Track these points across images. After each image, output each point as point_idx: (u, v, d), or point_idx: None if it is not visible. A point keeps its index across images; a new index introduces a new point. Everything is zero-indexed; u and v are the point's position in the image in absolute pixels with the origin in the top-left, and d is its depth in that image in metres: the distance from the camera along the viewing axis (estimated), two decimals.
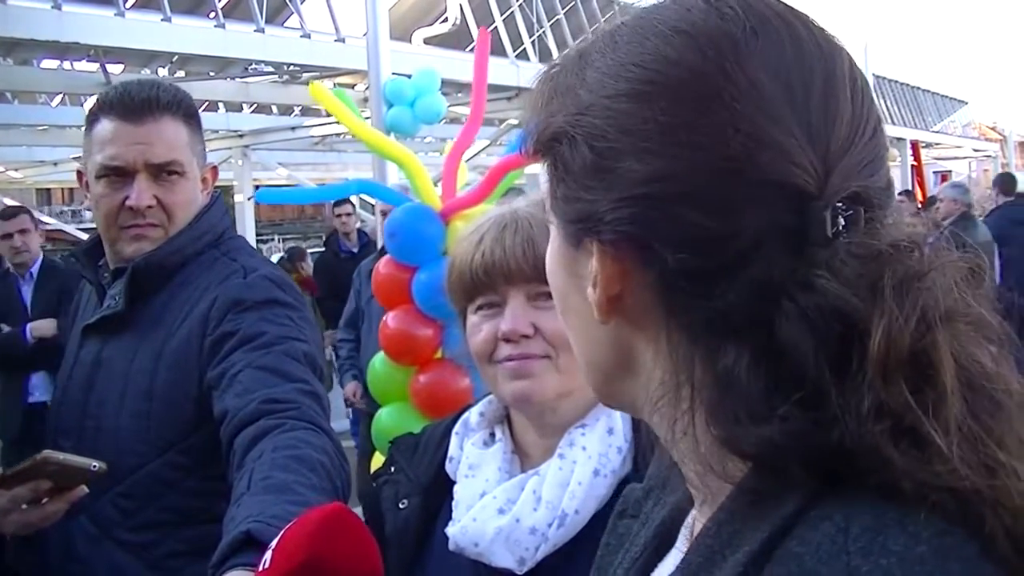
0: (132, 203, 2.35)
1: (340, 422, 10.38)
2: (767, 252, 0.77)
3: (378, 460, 5.01)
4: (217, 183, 2.63)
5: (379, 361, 5.30)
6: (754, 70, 0.79)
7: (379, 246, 10.31)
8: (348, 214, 9.62)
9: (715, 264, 0.78)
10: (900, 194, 12.43)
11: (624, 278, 0.84)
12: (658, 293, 0.83)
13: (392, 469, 1.91)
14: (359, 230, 9.87)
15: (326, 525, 1.30)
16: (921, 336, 0.74)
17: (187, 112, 2.44)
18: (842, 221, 0.78)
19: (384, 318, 5.21)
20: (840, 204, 0.78)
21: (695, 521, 0.93)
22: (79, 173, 2.51)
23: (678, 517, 1.00)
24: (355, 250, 9.47)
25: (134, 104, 2.35)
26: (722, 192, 0.78)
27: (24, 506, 2.13)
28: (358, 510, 1.88)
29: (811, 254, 0.77)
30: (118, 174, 2.36)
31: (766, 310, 0.76)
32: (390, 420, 5.11)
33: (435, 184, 5.46)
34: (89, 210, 2.41)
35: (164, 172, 2.38)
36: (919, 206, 12.62)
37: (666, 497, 1.04)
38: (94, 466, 2.11)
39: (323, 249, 10.61)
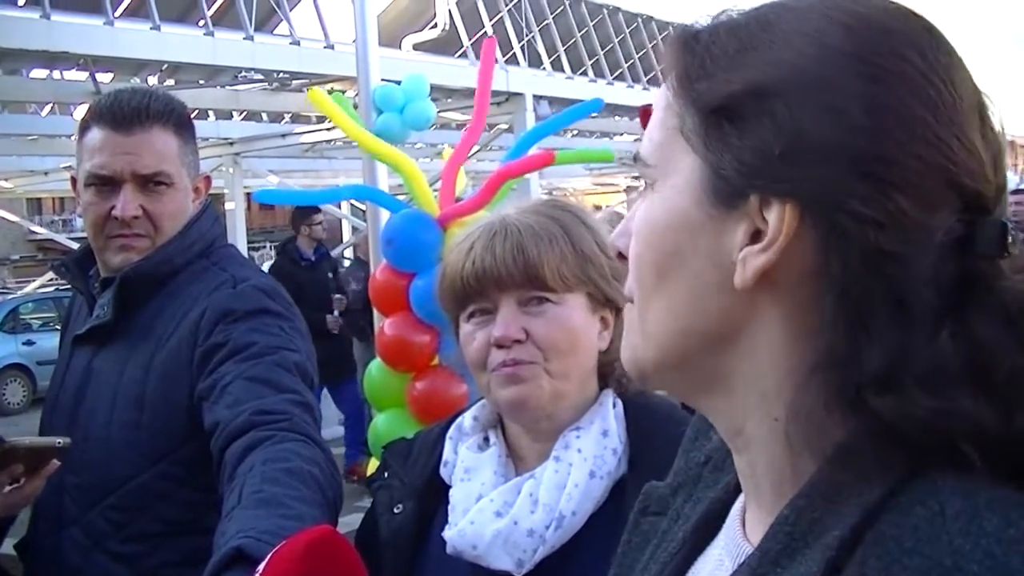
0: (117, 213, 2.34)
1: (331, 429, 10.36)
2: (944, 250, 0.81)
3: (373, 465, 5.02)
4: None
5: (376, 368, 5.31)
6: (961, 86, 0.84)
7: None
8: (320, 224, 10.03)
9: (910, 250, 0.80)
10: None
11: (795, 246, 0.83)
12: (835, 265, 0.82)
13: (386, 474, 1.91)
14: (318, 241, 10.23)
15: (314, 549, 1.30)
16: None
17: (179, 122, 2.43)
18: (1010, 238, 0.82)
19: (381, 324, 5.22)
20: (1007, 222, 0.83)
21: (748, 509, 0.95)
22: (73, 180, 2.50)
23: (721, 510, 1.01)
24: (312, 258, 9.94)
25: (124, 113, 2.34)
26: (931, 186, 0.81)
27: (6, 489, 2.14)
28: (354, 517, 1.88)
29: (976, 263, 0.81)
30: (106, 183, 2.35)
31: (956, 301, 0.80)
32: (387, 426, 5.12)
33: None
34: (80, 218, 2.40)
35: (151, 182, 2.37)
36: None
37: (700, 493, 1.05)
38: (59, 442, 2.16)
39: (279, 256, 10.82)
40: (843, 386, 0.81)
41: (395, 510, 1.84)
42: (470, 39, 16.91)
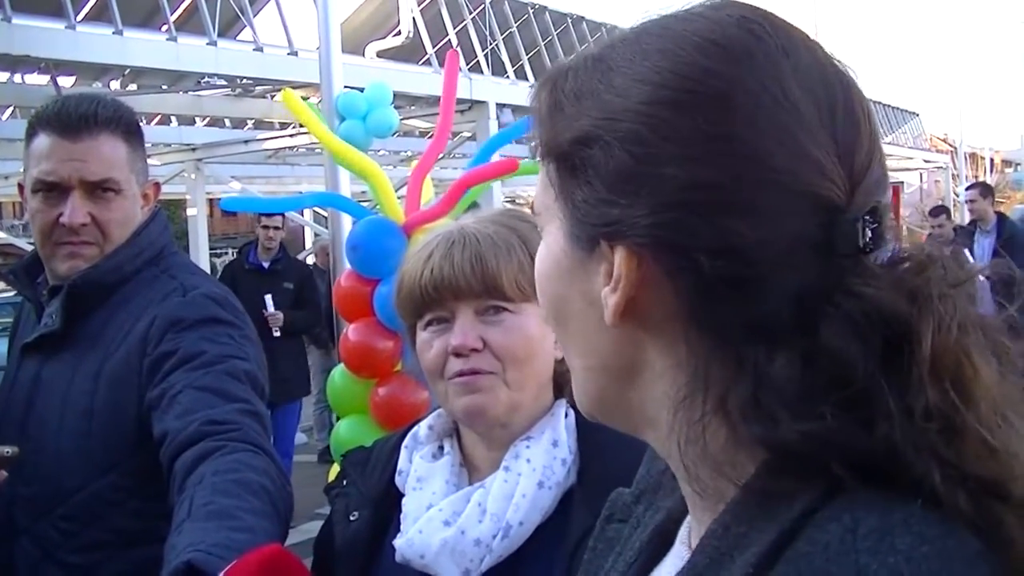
0: (65, 220, 2.31)
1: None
2: (799, 261, 0.80)
3: (333, 472, 5.01)
4: (170, 197, 2.61)
5: (339, 374, 5.31)
6: (791, 87, 0.82)
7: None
8: (277, 228, 9.21)
9: (752, 272, 0.80)
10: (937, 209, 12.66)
11: (648, 282, 0.85)
12: (684, 298, 0.84)
13: (344, 482, 1.91)
14: (281, 246, 9.44)
15: (265, 568, 1.29)
16: (961, 341, 0.78)
17: (127, 128, 2.40)
18: (869, 233, 0.81)
19: (345, 331, 5.23)
20: (867, 217, 0.82)
21: (692, 525, 0.95)
22: (20, 186, 2.47)
23: (676, 520, 1.01)
24: (265, 264, 9.15)
25: (71, 120, 2.32)
26: (763, 202, 0.80)
27: None
28: (315, 524, 1.87)
29: (840, 264, 0.80)
30: (53, 190, 2.33)
31: (808, 316, 0.79)
32: (349, 432, 5.12)
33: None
34: None
35: (100, 189, 2.35)
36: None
37: (660, 502, 1.06)
38: (7, 451, 2.13)
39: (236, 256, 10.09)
40: (727, 415, 0.82)
41: (351, 518, 1.84)
42: (434, 47, 16.90)
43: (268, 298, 8.69)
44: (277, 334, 8.58)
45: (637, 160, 0.83)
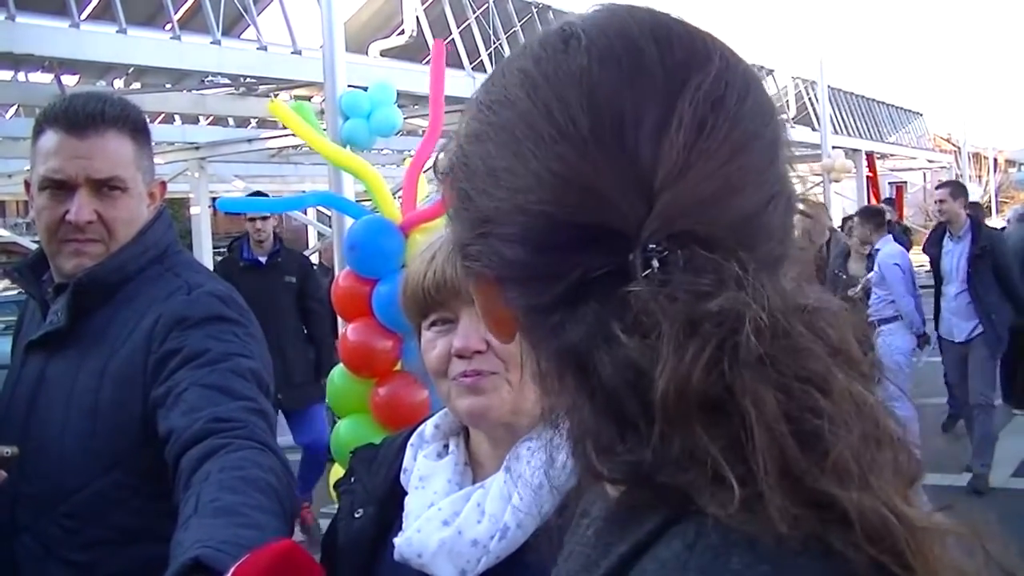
0: (71, 218, 2.31)
1: (287, 436, 10.18)
2: (596, 292, 0.77)
3: (337, 471, 5.01)
4: (173, 195, 2.62)
5: (338, 373, 5.30)
6: (577, 109, 0.78)
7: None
8: (264, 218, 8.38)
9: (548, 301, 0.79)
10: (886, 201, 11.99)
11: (494, 306, 0.88)
12: (519, 323, 0.86)
13: (352, 479, 1.91)
14: (277, 236, 8.68)
15: (276, 564, 1.29)
16: (717, 379, 0.71)
17: (134, 127, 2.40)
18: (656, 263, 0.75)
19: (344, 330, 5.22)
20: (655, 246, 0.75)
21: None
22: (27, 183, 2.47)
23: None
24: (262, 260, 8.38)
25: (78, 117, 2.32)
26: (543, 233, 0.78)
27: None
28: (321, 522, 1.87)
29: (632, 296, 0.74)
30: (60, 187, 2.33)
31: (591, 352, 0.77)
32: (349, 432, 5.11)
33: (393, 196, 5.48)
34: None
35: (106, 187, 2.35)
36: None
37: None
38: (6, 452, 2.13)
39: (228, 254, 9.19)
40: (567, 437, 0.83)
41: (355, 515, 1.84)
42: None
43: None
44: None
45: (457, 192, 0.86)
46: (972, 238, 9.08)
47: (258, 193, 8.51)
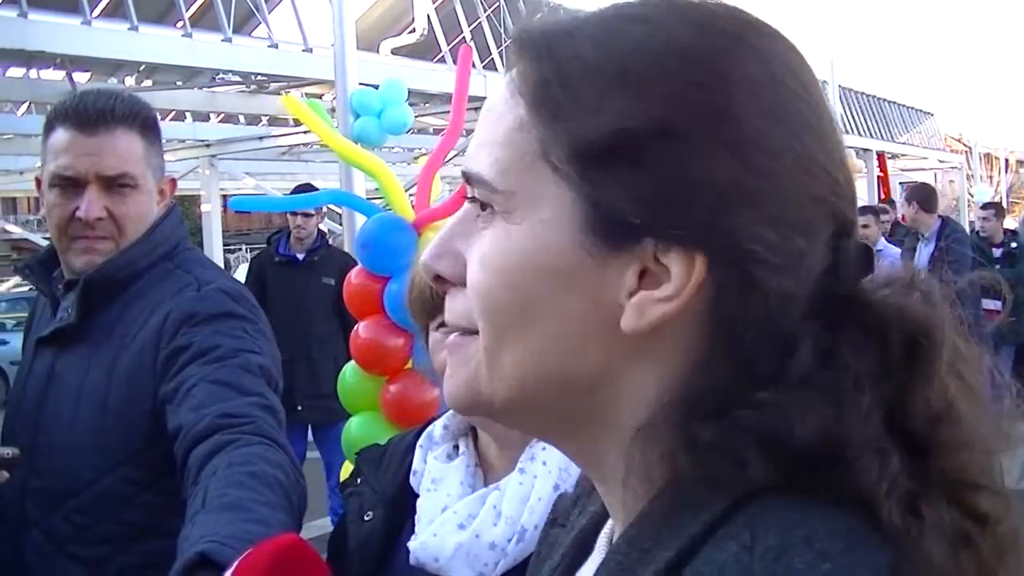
0: (81, 214, 2.32)
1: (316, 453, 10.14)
2: (819, 277, 0.78)
3: (347, 470, 5.02)
4: (184, 193, 2.62)
5: (349, 371, 5.31)
6: (821, 100, 0.82)
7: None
8: (307, 215, 7.69)
9: (800, 288, 0.78)
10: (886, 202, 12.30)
11: (696, 291, 0.77)
12: (722, 310, 0.77)
13: (359, 481, 1.90)
14: (321, 234, 8.09)
15: (281, 557, 1.29)
16: (952, 348, 0.77)
17: (144, 124, 2.41)
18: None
19: (355, 328, 5.23)
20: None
21: (613, 531, 0.90)
22: (38, 180, 2.48)
23: (597, 525, 0.97)
24: (299, 256, 7.69)
25: (89, 114, 2.32)
26: (819, 221, 0.79)
27: None
28: (322, 521, 1.86)
29: (846, 285, 0.79)
30: (70, 184, 2.33)
31: (828, 328, 0.77)
32: (360, 430, 5.12)
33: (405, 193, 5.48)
34: None
35: (116, 184, 2.35)
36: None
37: (589, 506, 1.01)
38: (8, 453, 2.13)
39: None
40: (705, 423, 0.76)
41: (365, 517, 1.83)
42: (448, 44, 16.93)
43: None
44: None
45: (727, 165, 0.76)
46: (937, 239, 9.75)
47: (307, 188, 8.10)
